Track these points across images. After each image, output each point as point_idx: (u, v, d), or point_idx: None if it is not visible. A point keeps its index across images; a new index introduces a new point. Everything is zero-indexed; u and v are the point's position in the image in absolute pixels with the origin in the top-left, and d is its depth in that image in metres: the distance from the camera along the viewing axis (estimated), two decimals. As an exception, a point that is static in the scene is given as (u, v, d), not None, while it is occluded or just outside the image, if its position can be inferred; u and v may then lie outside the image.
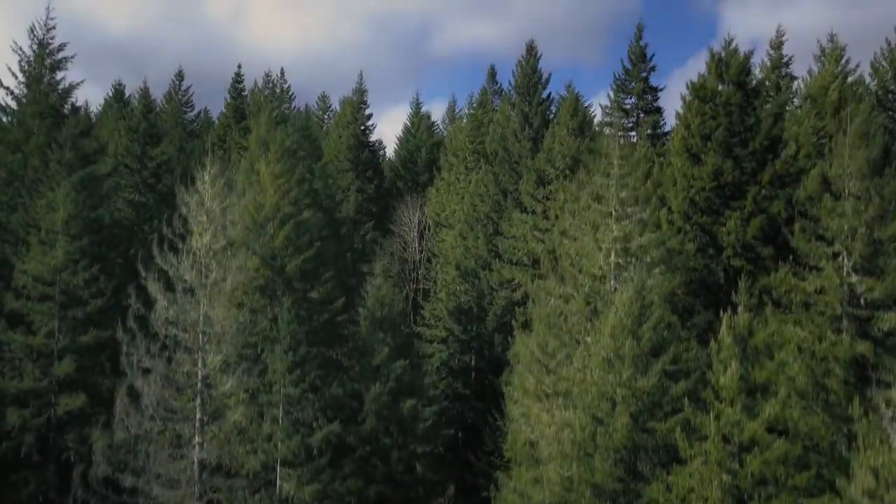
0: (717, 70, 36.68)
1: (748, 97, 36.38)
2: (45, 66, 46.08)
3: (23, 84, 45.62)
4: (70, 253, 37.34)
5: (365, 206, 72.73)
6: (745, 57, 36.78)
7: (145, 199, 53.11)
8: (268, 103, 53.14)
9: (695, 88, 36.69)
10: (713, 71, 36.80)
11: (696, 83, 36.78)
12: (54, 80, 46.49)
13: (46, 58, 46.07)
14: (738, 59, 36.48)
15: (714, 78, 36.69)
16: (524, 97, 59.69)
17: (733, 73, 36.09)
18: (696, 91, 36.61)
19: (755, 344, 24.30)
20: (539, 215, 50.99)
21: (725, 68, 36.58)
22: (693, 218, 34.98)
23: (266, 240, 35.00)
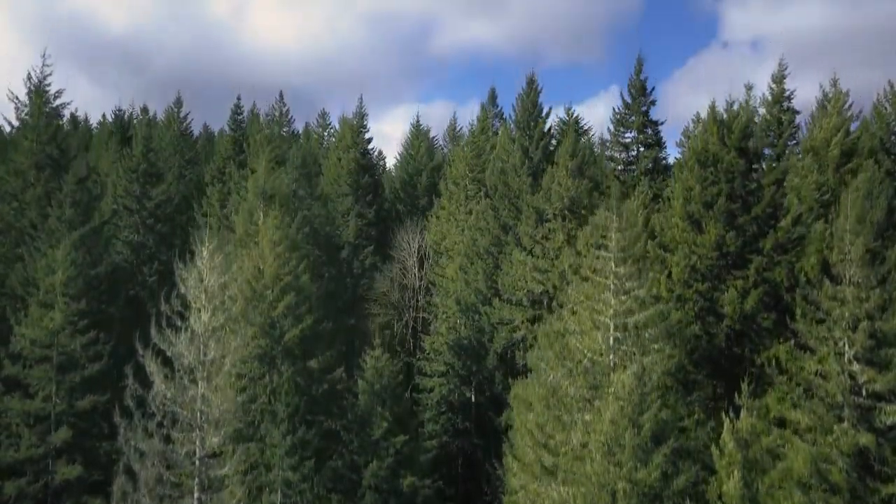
0: (719, 133, 36.41)
1: (749, 162, 36.14)
2: (43, 115, 45.88)
3: (21, 134, 45.44)
4: (69, 315, 37.20)
5: (364, 231, 72.63)
6: (746, 121, 36.49)
7: (145, 239, 52.99)
8: (266, 144, 52.71)
9: (695, 152, 36.43)
10: (714, 133, 36.53)
11: (697, 147, 36.52)
12: (52, 127, 46.27)
13: (44, 106, 45.86)
14: (740, 122, 36.21)
15: (716, 140, 36.42)
16: (524, 131, 59.42)
17: (735, 138, 35.82)
18: (696, 155, 36.35)
19: (757, 451, 24.11)
20: (538, 256, 50.87)
21: (727, 132, 36.31)
22: (694, 286, 34.78)
23: (265, 307, 34.82)
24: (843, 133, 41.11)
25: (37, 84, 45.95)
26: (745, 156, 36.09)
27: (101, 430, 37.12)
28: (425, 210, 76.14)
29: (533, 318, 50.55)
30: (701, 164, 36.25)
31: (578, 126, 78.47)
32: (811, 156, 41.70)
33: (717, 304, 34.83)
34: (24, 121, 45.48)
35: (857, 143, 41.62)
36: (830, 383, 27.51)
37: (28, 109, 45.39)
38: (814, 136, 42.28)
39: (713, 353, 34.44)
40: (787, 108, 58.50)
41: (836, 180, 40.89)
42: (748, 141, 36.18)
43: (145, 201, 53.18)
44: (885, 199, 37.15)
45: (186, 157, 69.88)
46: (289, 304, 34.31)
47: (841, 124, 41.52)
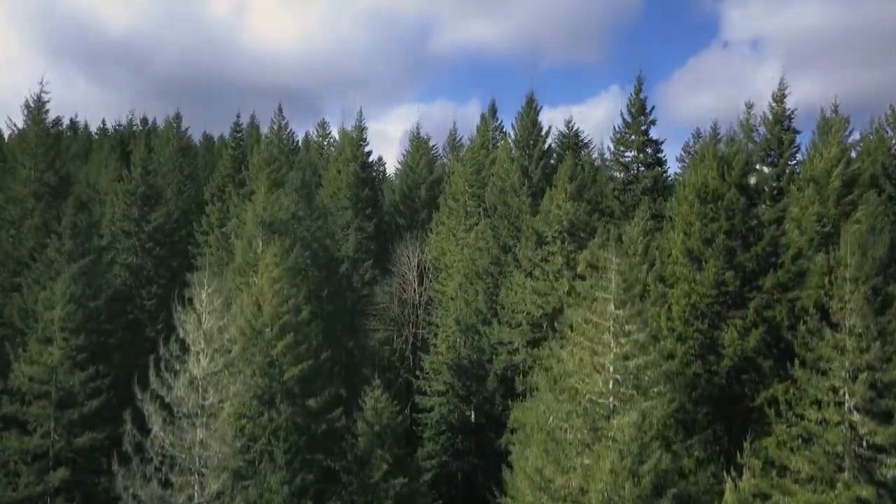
0: (719, 169, 36.29)
1: (750, 199, 36.03)
2: (42, 142, 45.78)
3: (21, 162, 45.36)
4: (68, 351, 37.11)
5: (364, 245, 72.59)
6: (746, 157, 36.38)
7: (143, 262, 52.89)
8: (265, 166, 52.58)
9: (695, 188, 36.30)
10: (714, 168, 36.40)
11: (696, 183, 36.38)
12: (50, 155, 46.17)
13: (42, 133, 45.75)
14: (740, 159, 36.09)
15: (715, 175, 36.29)
16: (524, 150, 59.40)
17: (735, 175, 35.70)
18: (696, 190, 36.23)
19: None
20: (538, 278, 50.84)
21: (727, 168, 36.20)
22: (694, 324, 34.70)
23: (264, 345, 34.72)
24: (844, 164, 40.98)
25: (35, 111, 45.82)
26: (745, 192, 35.98)
27: (100, 468, 36.96)
28: (425, 223, 76.15)
29: (533, 340, 50.57)
30: (701, 200, 36.14)
31: (578, 139, 78.62)
32: (812, 186, 41.57)
33: (717, 342, 34.76)
34: (22, 148, 45.30)
35: (858, 173, 41.46)
36: (831, 433, 27.44)
37: (28, 137, 45.21)
38: (814, 166, 42.14)
39: (713, 393, 34.37)
40: (787, 128, 58.55)
41: (837, 212, 40.80)
42: (748, 178, 36.05)
43: (144, 224, 53.03)
44: (888, 235, 37.09)
45: (186, 172, 69.69)
46: (288, 344, 34.19)
47: (841, 155, 41.41)
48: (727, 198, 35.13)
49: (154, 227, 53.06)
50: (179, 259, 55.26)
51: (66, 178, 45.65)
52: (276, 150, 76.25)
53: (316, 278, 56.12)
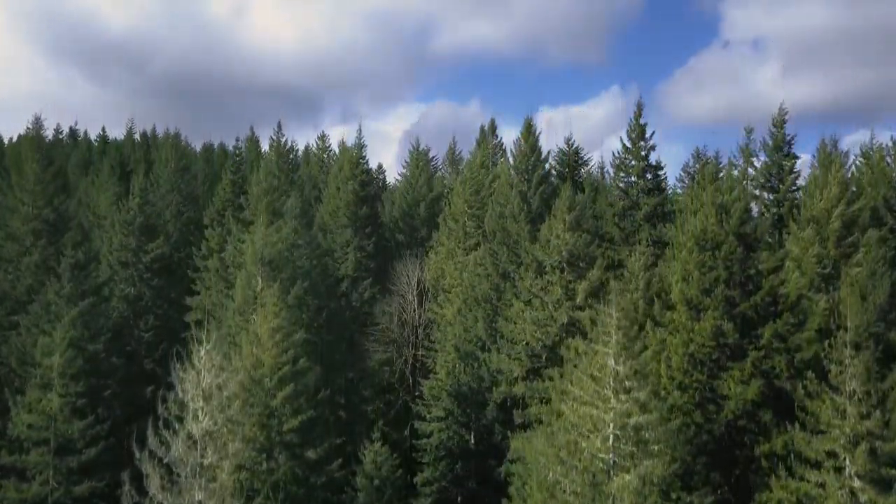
0: (718, 217, 36.19)
1: (749, 248, 35.92)
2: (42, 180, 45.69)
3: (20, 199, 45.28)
4: (67, 398, 37.09)
5: (364, 263, 72.56)
6: (745, 205, 36.29)
7: (140, 292, 52.80)
8: (263, 196, 52.46)
9: (694, 236, 36.20)
10: (713, 215, 36.30)
11: (696, 231, 36.27)
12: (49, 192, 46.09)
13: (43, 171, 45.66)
14: (739, 207, 35.99)
15: (714, 223, 36.19)
16: (522, 176, 59.29)
17: (734, 224, 35.59)
18: (696, 239, 36.12)
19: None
20: (537, 308, 50.74)
21: (726, 216, 36.10)
22: (693, 375, 34.65)
23: (263, 394, 34.67)
24: (844, 205, 40.86)
25: (35, 142, 45.72)
26: (743, 241, 35.87)
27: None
28: (425, 241, 76.08)
29: (532, 369, 50.54)
30: (699, 248, 36.03)
31: (579, 157, 78.45)
32: (812, 226, 41.45)
33: (717, 391, 34.72)
34: (21, 185, 45.21)
35: (858, 214, 41.34)
36: (831, 499, 27.41)
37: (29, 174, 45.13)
38: (815, 205, 42.02)
39: (713, 443, 34.34)
40: (787, 154, 58.60)
41: (837, 253, 40.73)
42: (747, 227, 35.94)
43: (141, 255, 52.94)
44: (888, 280, 37.05)
45: (185, 192, 69.57)
46: (288, 396, 34.13)
47: (841, 195, 41.27)
48: (725, 249, 35.04)
49: (152, 258, 52.90)
50: (177, 289, 55.12)
51: (65, 213, 45.36)
52: (276, 169, 76.34)
53: (315, 305, 56.19)
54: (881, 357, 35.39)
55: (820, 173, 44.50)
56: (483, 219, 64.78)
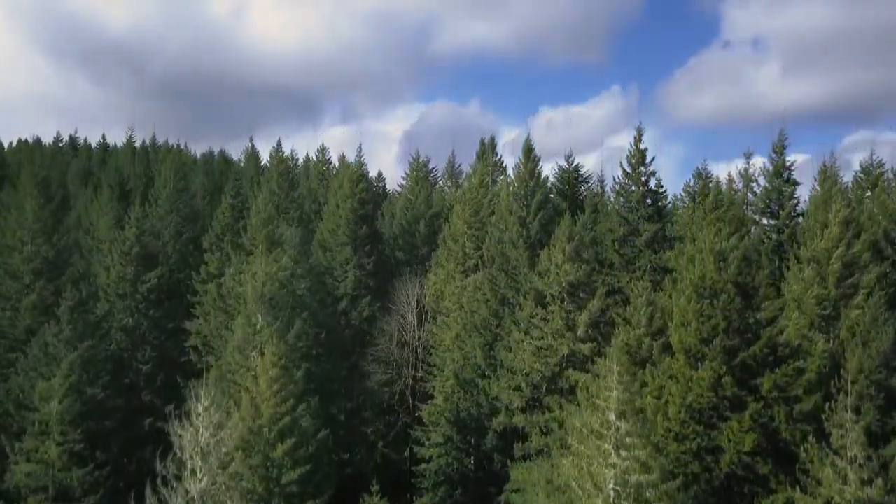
0: (716, 264, 36.09)
1: (748, 296, 35.82)
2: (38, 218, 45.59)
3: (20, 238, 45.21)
4: (65, 445, 37.06)
5: (364, 281, 72.61)
6: (744, 252, 36.17)
7: (138, 323, 52.73)
8: (263, 227, 52.36)
9: (693, 283, 36.10)
10: (712, 263, 36.20)
11: (695, 278, 36.16)
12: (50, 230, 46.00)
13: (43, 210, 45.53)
14: (737, 255, 35.87)
15: (713, 270, 36.09)
16: (522, 202, 59.16)
17: (732, 272, 35.49)
18: (694, 286, 36.03)
19: None
20: (537, 338, 50.68)
21: (724, 262, 35.99)
22: (691, 426, 34.59)
23: (262, 445, 34.64)
24: (845, 246, 40.70)
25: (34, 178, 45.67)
26: (742, 290, 35.76)
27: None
28: (425, 259, 76.02)
29: (532, 400, 50.53)
30: (698, 295, 35.93)
31: (578, 174, 78.35)
32: (812, 266, 41.32)
33: (715, 442, 34.67)
34: (21, 223, 45.12)
35: (858, 255, 41.19)
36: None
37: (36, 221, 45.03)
38: (815, 245, 41.86)
39: (711, 496, 34.31)
40: (787, 179, 58.41)
41: (837, 294, 40.61)
42: (746, 275, 35.83)
43: (139, 285, 52.85)
44: (891, 327, 36.94)
45: (184, 213, 69.52)
46: (287, 449, 34.08)
47: (842, 235, 41.10)
48: (723, 299, 34.93)
49: (149, 288, 52.83)
50: (176, 317, 55.09)
51: (65, 250, 45.27)
52: (276, 187, 76.34)
53: (315, 332, 56.22)
54: (882, 405, 35.43)
55: (820, 211, 44.16)
56: (482, 239, 64.79)
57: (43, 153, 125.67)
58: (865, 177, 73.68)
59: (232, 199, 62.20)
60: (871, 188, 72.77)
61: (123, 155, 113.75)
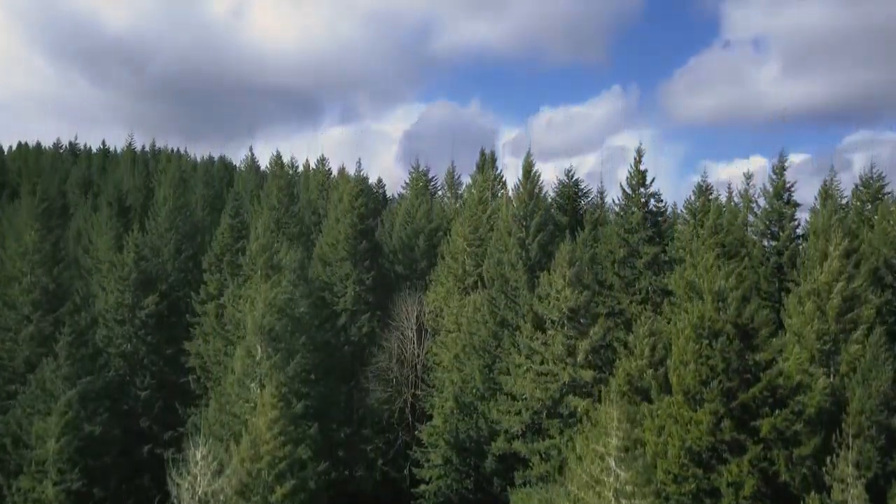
0: (715, 305, 35.98)
1: (747, 336, 35.73)
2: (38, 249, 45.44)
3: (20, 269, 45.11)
4: (62, 484, 36.99)
5: (363, 296, 72.62)
6: (743, 292, 36.05)
7: (137, 348, 52.62)
8: (262, 253, 52.21)
9: (692, 324, 35.99)
10: (710, 303, 36.10)
11: (694, 318, 36.05)
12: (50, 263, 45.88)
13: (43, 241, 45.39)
14: (736, 295, 35.75)
15: (711, 311, 35.97)
16: (521, 223, 58.98)
17: (731, 313, 35.39)
18: (693, 327, 35.92)
19: None
20: (537, 363, 50.64)
21: (722, 304, 35.89)
22: (690, 470, 34.53)
23: (261, 488, 34.57)
24: (846, 280, 40.59)
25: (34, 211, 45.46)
26: (741, 330, 35.66)
27: None
28: (424, 274, 75.89)
29: (532, 425, 50.52)
30: (697, 336, 35.83)
31: (578, 189, 78.28)
32: (812, 300, 41.21)
33: (714, 484, 34.62)
34: (20, 254, 45.03)
35: (859, 291, 41.11)
36: None
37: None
38: (816, 279, 41.75)
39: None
40: (788, 201, 58.34)
41: (837, 328, 40.53)
42: (745, 318, 35.71)
43: (137, 311, 52.72)
44: (891, 366, 36.90)
45: (181, 231, 69.40)
46: (286, 493, 34.01)
47: (842, 269, 40.99)
48: (722, 341, 34.84)
49: (147, 314, 52.74)
50: (174, 344, 55.00)
51: (65, 281, 45.14)
52: (276, 201, 76.27)
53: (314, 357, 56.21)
54: (884, 446, 35.39)
55: (821, 240, 44.01)
56: (482, 256, 64.74)
57: (42, 160, 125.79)
58: (865, 189, 73.75)
59: (231, 218, 62.01)
60: (871, 201, 72.94)
61: (123, 162, 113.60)
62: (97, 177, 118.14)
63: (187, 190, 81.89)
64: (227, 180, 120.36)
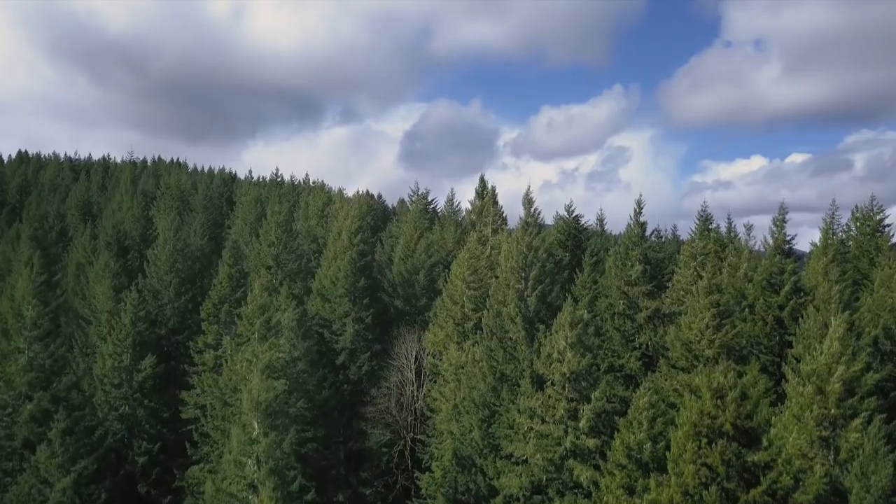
0: (713, 400, 35.62)
1: (747, 436, 35.37)
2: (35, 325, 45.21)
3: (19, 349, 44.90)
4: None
5: (362, 334, 72.75)
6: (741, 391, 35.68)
7: (134, 411, 52.53)
8: (259, 314, 51.95)
9: (691, 421, 35.64)
10: (708, 400, 35.74)
11: (692, 416, 35.69)
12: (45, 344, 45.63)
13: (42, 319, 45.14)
14: (734, 394, 35.35)
15: (710, 407, 35.63)
16: (518, 275, 58.62)
17: (731, 413, 35.01)
18: (693, 424, 35.56)
19: None
20: (538, 422, 50.49)
21: (720, 401, 35.51)
22: (689, 574, 34.31)
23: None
24: (845, 366, 40.22)
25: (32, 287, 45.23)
26: (739, 430, 35.29)
27: None
28: (424, 310, 75.79)
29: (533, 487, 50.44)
30: (696, 434, 35.47)
31: (578, 224, 78.03)
32: (812, 383, 40.86)
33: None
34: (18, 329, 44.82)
35: (857, 374, 40.76)
36: None
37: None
38: (816, 360, 41.40)
39: None
40: (789, 252, 58.04)
41: (837, 413, 40.23)
42: (744, 419, 35.32)
43: (135, 374, 52.59)
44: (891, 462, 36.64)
45: (181, 275, 69.22)
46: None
47: (841, 353, 40.61)
48: (721, 444, 34.48)
49: (144, 377, 52.59)
50: (172, 408, 54.87)
51: (60, 360, 44.91)
52: (274, 238, 75.98)
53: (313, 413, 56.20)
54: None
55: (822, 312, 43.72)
56: (481, 299, 64.60)
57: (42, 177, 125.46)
58: (862, 223, 73.47)
59: (230, 267, 61.74)
60: (871, 233, 72.61)
61: (123, 182, 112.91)
62: (96, 194, 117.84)
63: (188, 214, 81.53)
64: (227, 196, 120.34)
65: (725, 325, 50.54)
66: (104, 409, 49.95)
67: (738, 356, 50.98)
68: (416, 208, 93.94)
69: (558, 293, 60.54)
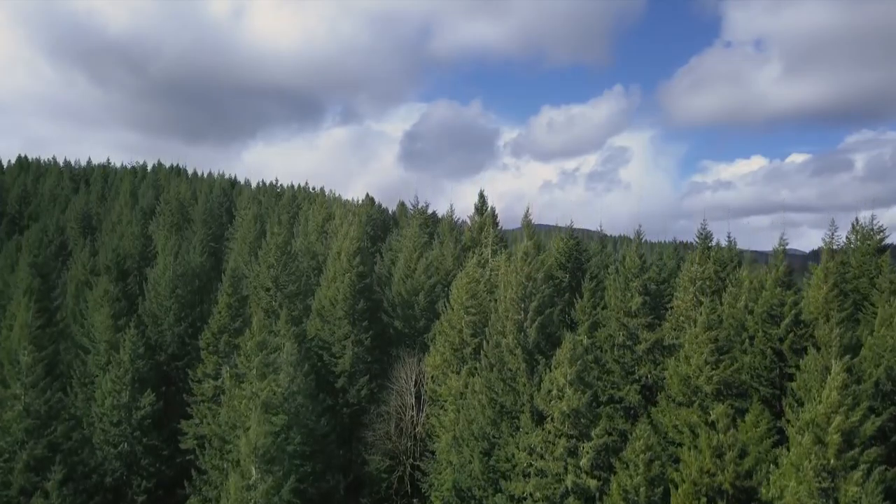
0: (713, 458, 35.64)
1: (745, 492, 35.42)
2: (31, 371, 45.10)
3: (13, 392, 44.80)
4: None
5: (362, 357, 72.74)
6: (738, 453, 35.68)
7: (133, 449, 52.47)
8: (257, 352, 51.75)
9: (690, 479, 35.67)
10: (708, 458, 35.75)
11: (692, 473, 35.73)
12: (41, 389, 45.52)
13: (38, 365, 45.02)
14: (733, 455, 35.37)
15: (710, 464, 35.66)
16: (518, 306, 58.39)
17: (730, 474, 35.06)
18: (692, 480, 35.61)
19: None
20: (538, 458, 50.48)
21: (719, 459, 35.54)
22: None
23: None
24: (844, 415, 40.00)
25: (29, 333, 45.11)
26: (739, 489, 35.33)
27: None
28: (423, 331, 75.64)
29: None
30: (696, 492, 35.54)
31: (579, 247, 77.79)
32: (811, 432, 40.64)
33: None
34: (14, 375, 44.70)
35: (857, 423, 40.54)
36: None
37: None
38: (814, 409, 41.15)
39: None
40: (789, 287, 57.74)
41: (837, 464, 40.02)
42: (743, 478, 35.36)
43: (134, 411, 52.51)
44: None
45: (182, 301, 69.12)
46: None
47: (840, 403, 40.38)
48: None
49: (143, 415, 52.53)
50: (172, 447, 54.82)
51: (56, 406, 44.82)
52: (273, 260, 75.86)
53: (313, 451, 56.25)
54: None
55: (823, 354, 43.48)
56: (480, 324, 64.47)
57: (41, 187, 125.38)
58: (862, 241, 73.13)
59: (229, 297, 61.64)
60: (872, 253, 72.23)
61: (122, 195, 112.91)
62: (96, 205, 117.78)
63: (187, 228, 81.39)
64: (227, 206, 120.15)
65: (724, 360, 50.41)
66: (103, 449, 49.85)
67: (736, 392, 50.83)
68: (415, 223, 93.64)
69: (559, 319, 60.33)
